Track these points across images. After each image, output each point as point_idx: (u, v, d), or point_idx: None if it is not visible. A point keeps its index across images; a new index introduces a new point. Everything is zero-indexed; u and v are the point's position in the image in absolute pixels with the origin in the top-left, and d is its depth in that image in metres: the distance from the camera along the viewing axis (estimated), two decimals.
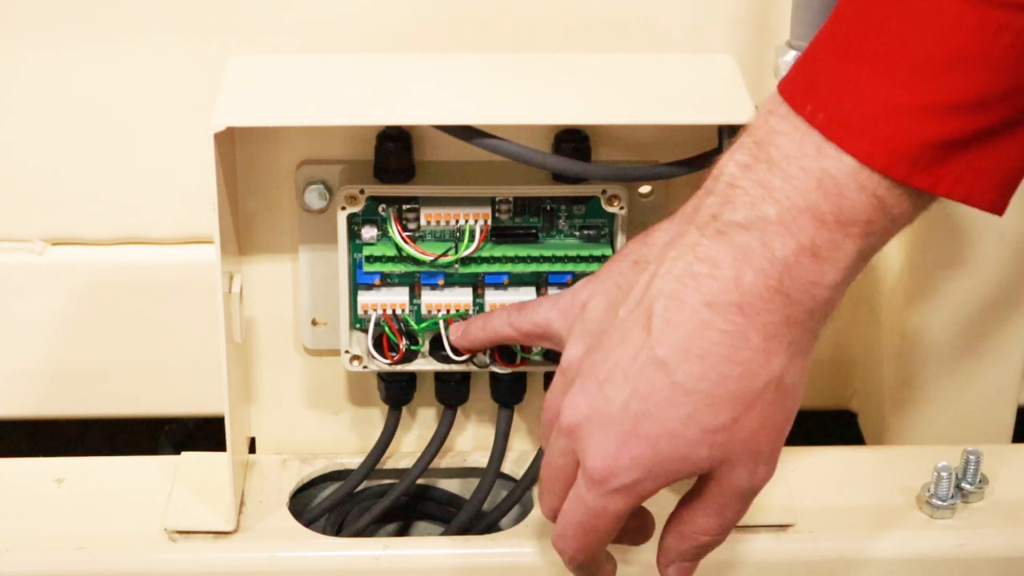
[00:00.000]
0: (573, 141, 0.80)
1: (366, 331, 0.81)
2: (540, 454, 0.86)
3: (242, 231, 0.82)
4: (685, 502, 0.68)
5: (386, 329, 0.81)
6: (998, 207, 0.61)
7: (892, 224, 0.61)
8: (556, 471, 0.68)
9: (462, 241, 0.80)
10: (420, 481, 0.86)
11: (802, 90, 0.61)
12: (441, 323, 0.81)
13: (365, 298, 0.81)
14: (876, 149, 0.59)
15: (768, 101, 0.63)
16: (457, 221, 0.80)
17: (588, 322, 0.69)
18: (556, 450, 0.67)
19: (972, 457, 0.83)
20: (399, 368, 0.82)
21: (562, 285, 0.81)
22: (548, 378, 0.85)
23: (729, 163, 0.63)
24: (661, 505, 0.70)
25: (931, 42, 0.58)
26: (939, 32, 0.58)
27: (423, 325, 0.81)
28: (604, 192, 0.80)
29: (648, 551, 0.73)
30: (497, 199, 0.80)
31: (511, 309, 0.77)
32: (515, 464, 0.87)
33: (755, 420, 0.64)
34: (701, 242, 0.63)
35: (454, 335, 0.80)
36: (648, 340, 0.63)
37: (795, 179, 0.61)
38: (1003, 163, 0.60)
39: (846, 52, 0.60)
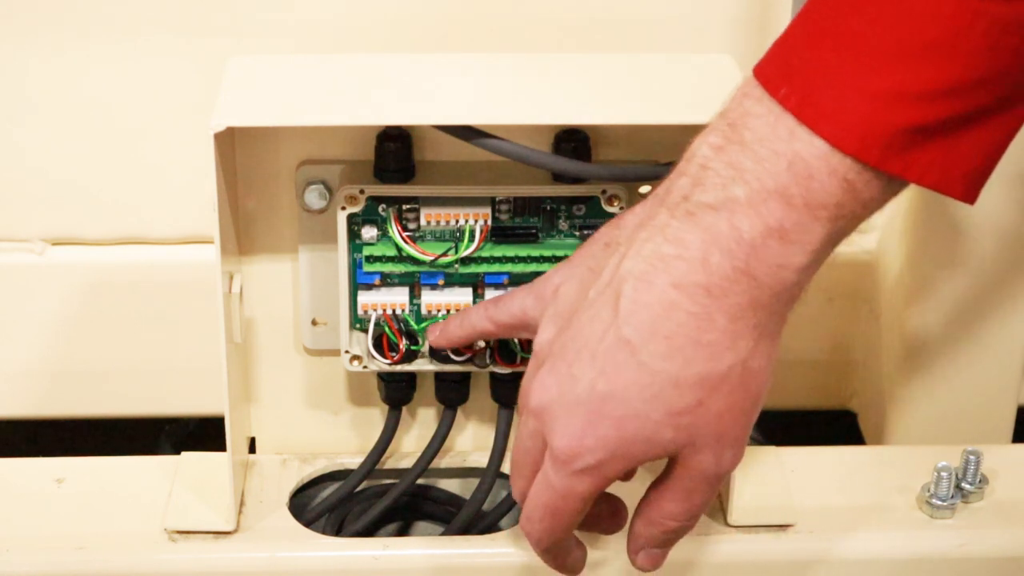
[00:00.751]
0: (573, 141, 0.80)
1: (366, 331, 0.82)
2: None
3: (242, 231, 0.82)
4: (654, 487, 0.68)
5: (386, 329, 0.81)
6: (970, 196, 0.61)
7: (862, 209, 0.61)
8: (525, 453, 0.68)
9: (462, 241, 0.80)
10: (420, 481, 0.86)
11: (777, 73, 0.61)
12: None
13: (365, 298, 0.81)
14: (848, 133, 0.59)
15: (743, 83, 0.63)
16: (457, 221, 0.80)
17: (560, 305, 0.70)
18: (525, 432, 0.68)
19: (972, 457, 0.83)
20: (399, 368, 0.82)
21: None
22: None
23: (702, 145, 0.63)
24: (637, 494, 0.70)
25: (906, 28, 0.58)
26: (915, 19, 0.58)
27: (423, 325, 0.81)
28: (604, 192, 0.80)
29: (619, 540, 0.73)
30: (497, 199, 0.80)
31: (488, 304, 0.77)
32: None
33: (720, 403, 0.64)
34: (671, 223, 0.63)
35: (432, 336, 0.80)
36: (616, 320, 0.63)
37: (766, 161, 0.61)
38: (975, 152, 0.60)
39: (822, 36, 0.60)
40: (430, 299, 0.81)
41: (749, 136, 0.61)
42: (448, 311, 0.81)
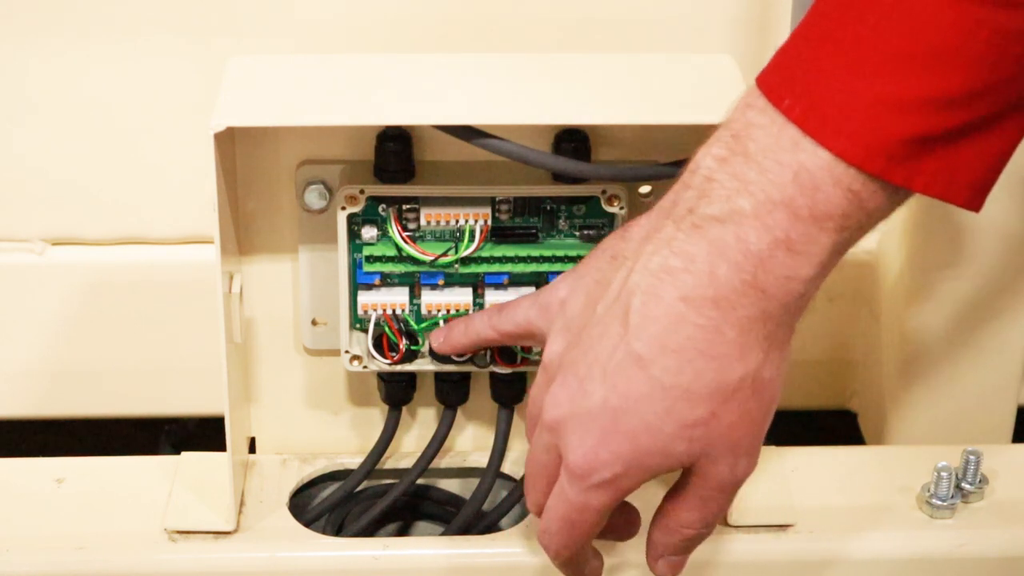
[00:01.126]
0: (573, 141, 0.80)
1: (366, 331, 0.82)
2: None
3: (242, 231, 0.82)
4: (670, 496, 0.69)
5: (386, 329, 0.81)
6: (975, 204, 0.61)
7: (868, 219, 0.61)
8: (540, 467, 0.68)
9: (462, 241, 0.80)
10: (420, 481, 0.86)
11: (780, 83, 0.61)
12: (441, 323, 0.81)
13: (365, 298, 0.81)
14: (852, 144, 0.59)
15: (746, 94, 0.63)
16: (457, 221, 0.80)
17: (568, 318, 0.70)
18: (539, 446, 0.68)
19: (972, 457, 0.83)
20: (399, 368, 0.82)
21: None
22: None
23: (706, 156, 0.63)
24: (653, 501, 0.70)
25: (909, 37, 0.58)
26: (918, 27, 0.58)
27: (423, 325, 0.81)
28: (604, 192, 0.80)
29: (633, 547, 0.73)
30: (497, 199, 0.80)
31: (492, 311, 0.77)
32: (515, 464, 0.87)
33: (733, 414, 0.64)
34: (677, 236, 0.63)
35: (435, 342, 0.80)
36: (626, 335, 0.63)
37: (771, 172, 0.60)
38: (980, 160, 0.60)
39: (824, 46, 0.60)
40: (430, 299, 0.81)
41: (753, 147, 0.61)
42: (448, 311, 0.81)
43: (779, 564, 0.82)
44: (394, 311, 0.81)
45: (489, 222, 0.80)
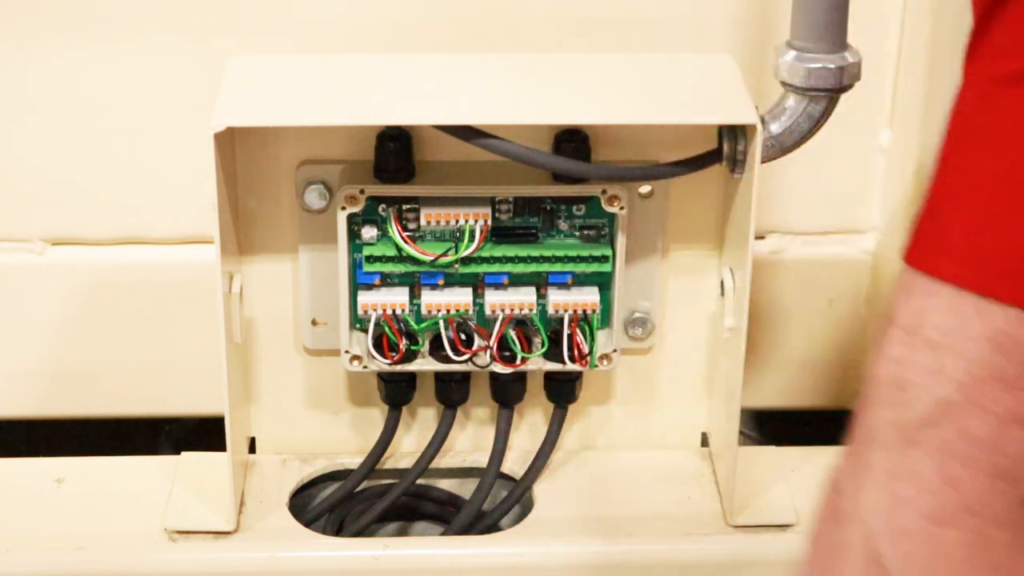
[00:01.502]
0: (573, 141, 0.80)
1: (366, 331, 0.82)
2: (541, 454, 0.86)
3: (242, 231, 0.82)
4: None
5: (386, 329, 0.81)
6: None
7: None
8: None
9: (462, 241, 0.80)
10: (420, 481, 0.86)
11: (936, 255, 0.56)
12: (441, 323, 0.81)
13: (365, 298, 0.81)
14: None
15: (899, 283, 0.57)
16: (457, 221, 0.80)
17: None
18: None
19: None
20: (399, 368, 0.82)
21: (562, 285, 0.81)
22: (548, 378, 0.85)
23: (885, 364, 0.57)
24: None
25: None
26: None
27: (423, 325, 0.81)
28: (604, 192, 0.80)
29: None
30: (497, 199, 0.80)
31: None
32: (515, 464, 0.87)
33: None
34: (892, 460, 0.56)
35: None
36: None
37: (965, 351, 0.55)
38: None
39: (968, 202, 0.55)
40: (430, 299, 0.81)
41: (934, 333, 0.55)
42: (448, 311, 0.81)
43: (779, 564, 0.82)
44: (394, 311, 0.81)
45: (489, 222, 0.80)
